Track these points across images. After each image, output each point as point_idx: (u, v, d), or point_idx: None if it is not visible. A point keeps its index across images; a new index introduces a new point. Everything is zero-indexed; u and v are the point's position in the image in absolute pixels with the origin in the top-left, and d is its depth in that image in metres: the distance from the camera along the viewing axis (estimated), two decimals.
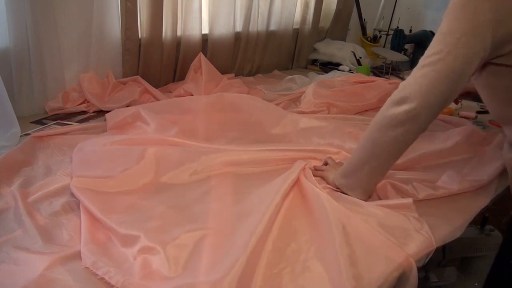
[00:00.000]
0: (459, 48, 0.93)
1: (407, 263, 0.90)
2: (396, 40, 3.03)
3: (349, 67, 2.67)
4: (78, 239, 0.92)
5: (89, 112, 1.74)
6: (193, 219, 1.00)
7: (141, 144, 1.29)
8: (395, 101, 1.01)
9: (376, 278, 0.85)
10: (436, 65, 0.95)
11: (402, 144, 1.04)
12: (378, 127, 1.04)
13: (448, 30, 0.95)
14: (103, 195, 1.07)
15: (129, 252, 0.89)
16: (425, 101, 0.97)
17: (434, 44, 0.98)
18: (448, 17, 0.96)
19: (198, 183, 1.19)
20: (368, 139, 1.07)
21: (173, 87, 2.09)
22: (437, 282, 1.84)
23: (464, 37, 0.93)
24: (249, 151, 1.34)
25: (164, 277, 0.82)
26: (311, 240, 0.97)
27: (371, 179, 1.11)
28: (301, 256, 0.91)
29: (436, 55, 0.96)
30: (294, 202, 1.10)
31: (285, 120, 1.59)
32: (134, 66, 2.01)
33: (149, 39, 2.00)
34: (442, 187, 1.21)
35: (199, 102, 1.63)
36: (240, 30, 2.45)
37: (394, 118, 1.00)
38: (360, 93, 1.97)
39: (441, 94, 0.97)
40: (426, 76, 0.96)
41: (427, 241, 0.97)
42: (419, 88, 0.97)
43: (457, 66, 0.94)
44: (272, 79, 2.49)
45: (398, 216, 1.03)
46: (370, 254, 0.90)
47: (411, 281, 0.90)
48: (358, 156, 1.10)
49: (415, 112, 0.98)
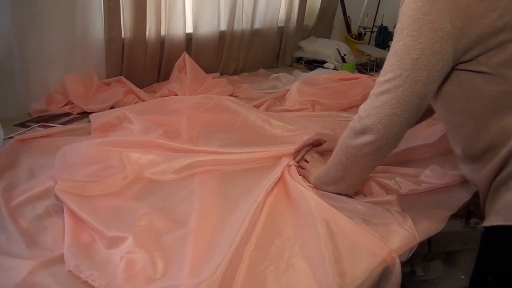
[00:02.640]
0: (419, 70, 0.87)
1: (391, 257, 0.91)
2: (381, 37, 3.06)
3: (334, 65, 2.68)
4: (61, 243, 0.91)
5: (73, 114, 1.72)
6: (177, 221, 1.00)
7: (125, 146, 1.28)
8: (357, 131, 0.97)
9: (360, 274, 0.86)
10: (395, 91, 0.90)
11: (371, 167, 1.06)
12: (346, 155, 1.02)
13: (404, 50, 0.88)
14: (87, 198, 1.06)
15: (113, 254, 0.89)
16: (388, 131, 0.94)
17: (391, 68, 0.91)
18: (402, 35, 0.88)
19: (182, 183, 1.18)
20: (338, 162, 1.06)
21: (157, 87, 2.08)
22: (423, 276, 1.86)
23: (423, 57, 0.86)
24: (233, 154, 1.34)
25: (147, 280, 0.82)
26: (295, 237, 0.97)
27: (348, 190, 1.13)
28: (285, 254, 0.92)
29: (394, 80, 0.89)
30: (278, 200, 1.11)
31: (270, 123, 1.60)
32: (118, 67, 2.00)
33: (132, 39, 1.98)
34: (425, 181, 1.22)
35: (185, 103, 1.63)
36: (224, 29, 2.45)
37: (360, 150, 0.98)
38: (345, 90, 1.98)
39: (404, 121, 0.93)
40: (387, 105, 0.91)
41: (410, 236, 0.98)
42: (380, 119, 0.93)
43: (418, 89, 0.89)
44: (258, 78, 2.49)
45: (381, 212, 1.04)
46: (354, 250, 0.91)
47: (395, 276, 0.90)
48: (332, 173, 1.09)
49: (380, 142, 0.95)
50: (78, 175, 1.13)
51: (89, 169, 1.16)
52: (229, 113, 1.63)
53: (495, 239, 0.95)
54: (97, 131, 1.49)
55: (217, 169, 1.27)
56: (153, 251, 0.89)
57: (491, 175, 0.94)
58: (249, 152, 1.35)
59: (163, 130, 1.42)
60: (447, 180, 1.23)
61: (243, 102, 1.71)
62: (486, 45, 0.85)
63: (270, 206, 1.06)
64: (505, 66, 0.85)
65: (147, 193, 1.13)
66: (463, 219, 1.77)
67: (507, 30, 0.83)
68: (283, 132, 1.56)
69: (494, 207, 0.93)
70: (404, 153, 1.39)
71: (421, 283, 1.84)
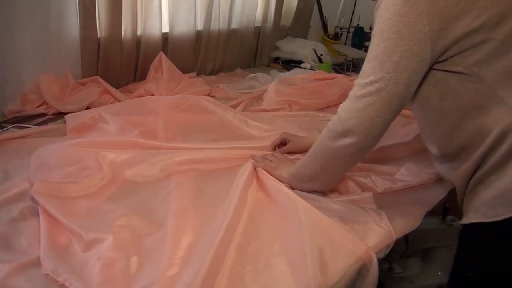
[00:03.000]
0: (400, 72, 0.89)
1: (367, 255, 0.92)
2: (357, 37, 3.08)
3: (310, 65, 2.69)
4: (37, 246, 0.90)
5: (48, 115, 1.70)
6: (155, 222, 1.00)
7: (101, 146, 1.27)
8: (338, 133, 0.99)
9: (337, 271, 0.86)
10: (378, 94, 0.91)
11: (349, 166, 1.09)
12: (325, 156, 1.04)
13: (385, 53, 0.89)
14: (64, 200, 1.05)
15: (90, 256, 0.88)
16: (371, 132, 0.96)
17: (372, 71, 0.92)
18: (382, 37, 0.89)
19: (159, 184, 1.18)
20: (316, 161, 1.08)
21: (133, 87, 2.06)
22: (401, 273, 1.88)
23: (404, 60, 0.88)
24: (208, 149, 1.35)
25: (125, 281, 0.82)
26: (274, 237, 0.98)
27: (323, 188, 1.15)
28: (264, 254, 0.92)
29: (376, 83, 0.91)
30: (257, 199, 1.11)
31: (247, 123, 1.60)
32: (93, 66, 1.97)
33: (108, 39, 1.96)
34: (400, 179, 1.24)
35: (161, 103, 1.62)
36: (201, 29, 2.44)
37: (341, 151, 1.00)
38: (321, 90, 2.00)
39: (386, 122, 0.95)
40: (369, 108, 0.93)
41: (386, 234, 0.99)
42: (362, 122, 0.94)
43: (399, 91, 0.91)
44: (235, 78, 2.49)
45: (357, 210, 1.05)
46: (332, 248, 0.91)
47: (372, 273, 0.91)
48: (309, 171, 1.11)
49: (362, 144, 0.97)
50: (55, 176, 1.12)
51: (66, 170, 1.15)
52: (206, 113, 1.63)
53: (474, 236, 0.97)
54: (73, 132, 1.47)
55: (194, 168, 1.27)
56: (131, 253, 0.88)
57: (467, 174, 0.96)
58: (224, 148, 1.36)
59: (139, 130, 1.41)
60: (423, 178, 1.25)
61: (220, 102, 1.71)
62: (461, 46, 0.87)
63: (249, 206, 1.07)
64: (479, 65, 0.87)
65: (124, 194, 1.13)
66: (440, 217, 1.81)
67: (482, 31, 0.85)
68: (260, 133, 1.56)
69: (472, 205, 0.95)
70: (380, 152, 1.41)
71: (399, 280, 1.87)
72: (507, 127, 0.87)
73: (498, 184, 0.89)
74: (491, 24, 0.85)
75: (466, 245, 1.01)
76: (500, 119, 0.87)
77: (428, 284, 1.92)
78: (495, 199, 0.90)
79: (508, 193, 0.88)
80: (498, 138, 0.88)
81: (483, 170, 0.92)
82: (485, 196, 0.92)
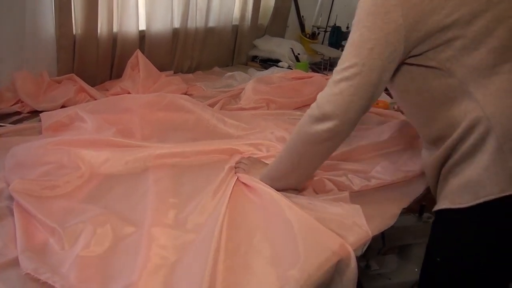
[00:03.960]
0: (373, 59, 0.92)
1: (345, 252, 0.93)
2: (334, 37, 3.10)
3: (288, 64, 2.71)
4: (13, 247, 0.89)
5: (23, 113, 1.67)
6: (133, 221, 1.00)
7: (78, 145, 1.26)
8: (316, 118, 1.01)
9: (316, 268, 0.87)
10: (353, 80, 0.94)
11: (326, 155, 1.10)
12: (302, 143, 1.05)
13: (360, 40, 0.93)
14: (43, 199, 1.04)
15: (68, 255, 0.87)
16: (346, 117, 0.98)
17: (348, 56, 0.96)
18: (358, 26, 0.94)
19: (136, 182, 1.18)
20: (292, 152, 1.09)
21: (110, 85, 2.04)
22: (378, 270, 1.91)
23: (377, 47, 0.92)
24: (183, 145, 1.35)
25: (101, 281, 0.81)
26: (253, 231, 0.99)
27: (299, 182, 1.16)
28: (241, 250, 0.93)
29: (351, 68, 0.94)
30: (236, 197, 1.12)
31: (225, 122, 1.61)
32: (69, 64, 1.94)
33: (84, 36, 1.94)
34: (376, 177, 1.26)
35: (138, 101, 1.61)
36: (178, 26, 2.42)
37: (318, 136, 1.01)
38: (299, 89, 2.01)
39: (361, 108, 0.98)
40: (344, 93, 0.96)
41: (363, 232, 1.01)
42: (339, 106, 0.97)
43: (373, 78, 0.94)
44: (212, 76, 2.48)
45: (334, 209, 1.06)
46: (310, 245, 0.92)
47: (351, 270, 0.93)
48: (284, 165, 1.12)
49: (338, 129, 0.99)
50: (31, 176, 1.10)
51: (42, 169, 1.14)
52: (183, 112, 1.62)
53: (442, 222, 1.03)
54: (48, 130, 1.45)
55: (171, 163, 1.27)
56: (109, 252, 0.88)
57: (437, 162, 1.01)
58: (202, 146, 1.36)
59: (116, 129, 1.40)
60: (398, 176, 1.28)
61: (197, 101, 1.71)
62: (434, 41, 0.92)
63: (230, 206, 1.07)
64: (451, 61, 0.92)
65: (102, 192, 1.13)
66: (416, 214, 1.84)
67: (454, 28, 0.90)
68: (237, 131, 1.56)
69: (442, 192, 1.01)
70: (356, 151, 1.43)
71: (376, 277, 1.89)
72: (475, 120, 0.92)
73: (465, 173, 0.94)
74: (463, 22, 0.90)
75: (436, 231, 1.07)
76: (469, 112, 0.93)
77: (405, 281, 1.95)
78: (462, 187, 0.95)
79: (473, 182, 0.93)
80: (466, 130, 0.93)
81: (453, 159, 0.97)
82: (453, 184, 0.97)
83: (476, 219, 0.95)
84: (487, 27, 0.90)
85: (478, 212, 0.93)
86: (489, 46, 0.91)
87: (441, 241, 1.05)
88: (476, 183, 0.92)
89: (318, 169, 1.17)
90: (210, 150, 1.35)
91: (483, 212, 0.93)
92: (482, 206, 0.91)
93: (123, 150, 1.28)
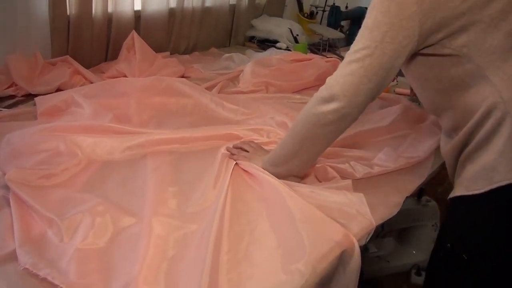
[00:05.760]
0: (386, 42, 0.92)
1: (349, 243, 0.92)
2: (333, 16, 3.05)
3: (286, 44, 2.67)
4: (10, 239, 0.87)
5: (18, 96, 1.63)
6: (132, 212, 0.98)
7: (74, 131, 1.24)
8: (323, 99, 0.99)
9: (320, 259, 0.86)
10: (364, 61, 0.94)
11: (331, 139, 1.08)
12: (307, 124, 1.04)
13: (374, 24, 0.93)
14: (39, 189, 1.01)
15: (67, 247, 0.85)
16: (354, 100, 0.97)
17: (361, 39, 0.95)
18: (373, 11, 0.94)
19: (135, 170, 1.16)
20: (296, 134, 1.07)
21: (105, 67, 2.00)
22: (376, 252, 1.92)
23: (391, 31, 0.91)
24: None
25: (102, 277, 0.80)
26: (255, 221, 0.98)
27: (301, 168, 1.14)
28: (244, 241, 0.92)
29: (363, 50, 0.94)
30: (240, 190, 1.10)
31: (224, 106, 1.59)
32: (64, 46, 1.90)
33: (78, 16, 1.89)
34: (378, 164, 1.25)
35: (134, 85, 1.58)
36: (174, 6, 2.37)
37: (323, 118, 1.00)
38: (298, 72, 1.98)
39: (369, 92, 0.97)
40: (354, 74, 0.95)
41: (367, 221, 1.00)
42: (347, 87, 0.96)
43: (385, 61, 0.93)
44: (209, 57, 2.44)
45: (337, 198, 1.05)
46: (313, 235, 0.91)
47: (354, 261, 0.92)
48: (287, 149, 1.09)
49: (344, 111, 0.98)
50: (27, 164, 1.08)
51: (38, 157, 1.12)
52: (180, 96, 1.60)
53: (456, 209, 1.04)
54: (44, 115, 1.42)
55: (169, 150, 1.26)
56: (108, 246, 0.87)
57: (455, 150, 1.02)
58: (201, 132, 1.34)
59: (113, 115, 1.37)
60: (401, 163, 1.26)
61: (195, 84, 1.67)
62: (449, 28, 0.91)
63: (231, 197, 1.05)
64: (468, 46, 0.92)
65: (99, 180, 1.11)
66: (415, 197, 1.84)
67: (469, 13, 0.89)
68: (237, 116, 1.54)
69: (459, 180, 1.02)
70: (357, 136, 1.41)
71: (375, 259, 1.90)
72: (492, 105, 0.92)
73: (481, 159, 0.95)
74: (478, 6, 0.89)
75: (450, 218, 1.08)
76: (486, 97, 0.93)
77: (404, 263, 1.96)
78: (477, 173, 0.96)
79: (487, 168, 0.93)
80: (484, 115, 0.94)
81: (470, 146, 0.98)
82: (469, 171, 0.98)
83: (490, 204, 0.96)
84: (502, 11, 0.90)
85: (492, 198, 0.94)
86: (505, 29, 0.91)
87: (453, 228, 1.05)
88: (491, 168, 0.92)
89: (320, 156, 1.15)
90: (209, 135, 1.33)
91: (497, 198, 0.93)
92: (496, 191, 0.92)
93: (121, 136, 1.26)
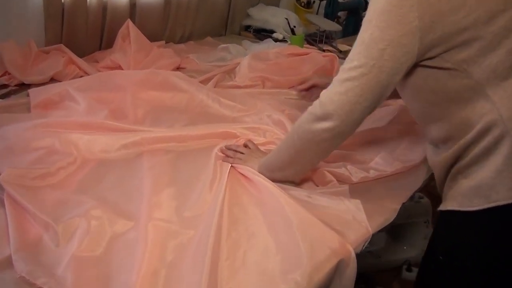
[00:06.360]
0: (385, 60, 0.88)
1: (346, 251, 0.92)
2: (330, 7, 3.02)
3: (283, 35, 2.64)
4: (5, 243, 0.86)
5: (11, 86, 1.61)
6: (129, 215, 0.97)
7: (69, 128, 1.22)
8: (318, 117, 0.97)
9: (317, 268, 0.86)
10: (360, 80, 0.90)
11: (326, 153, 1.08)
12: (301, 140, 1.03)
13: (371, 40, 0.88)
14: (34, 190, 1.00)
15: (64, 252, 0.85)
16: (349, 118, 0.95)
17: (357, 56, 0.91)
18: (370, 25, 0.89)
19: (131, 170, 1.15)
20: (291, 146, 1.06)
21: (99, 55, 1.97)
22: (368, 248, 1.93)
23: (390, 48, 0.87)
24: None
25: (100, 283, 0.80)
26: (252, 227, 0.97)
27: (296, 176, 1.13)
28: (240, 250, 0.91)
29: (360, 68, 0.90)
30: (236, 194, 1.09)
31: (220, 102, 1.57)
32: (58, 34, 1.87)
33: (72, 4, 1.85)
34: (375, 168, 1.24)
35: (130, 79, 1.56)
36: None
37: (318, 135, 0.99)
38: (295, 67, 1.96)
39: (365, 110, 0.95)
40: (350, 93, 0.92)
41: (363, 229, 1.00)
42: (342, 106, 0.93)
43: (382, 79, 0.90)
44: (205, 47, 2.41)
45: (333, 204, 1.05)
46: (310, 243, 0.91)
47: (350, 269, 0.92)
48: (282, 158, 1.09)
49: (339, 129, 0.97)
50: (22, 163, 1.07)
51: (33, 156, 1.11)
52: (176, 91, 1.58)
53: (448, 222, 1.03)
54: (37, 108, 1.40)
55: (165, 148, 1.24)
56: (104, 253, 0.86)
57: (447, 162, 1.00)
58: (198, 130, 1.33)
59: (108, 110, 1.35)
60: (397, 167, 1.25)
61: (191, 79, 1.66)
62: (450, 43, 0.88)
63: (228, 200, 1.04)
64: (468, 62, 0.89)
65: (95, 180, 1.10)
66: None
67: (471, 29, 0.87)
68: (233, 113, 1.52)
69: (450, 192, 1.00)
70: (354, 137, 1.39)
71: (366, 255, 1.91)
72: (490, 122, 0.90)
73: (477, 176, 0.93)
74: (481, 22, 0.86)
75: (441, 229, 1.07)
76: (485, 114, 0.91)
77: (395, 259, 1.98)
78: (472, 190, 0.94)
79: (484, 186, 0.92)
80: (481, 132, 0.91)
81: (464, 160, 0.96)
82: (464, 186, 0.96)
83: (485, 222, 0.95)
84: (505, 28, 0.87)
85: (487, 216, 0.93)
86: (507, 47, 0.88)
87: (445, 240, 1.05)
88: (489, 186, 0.91)
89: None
90: (206, 134, 1.32)
91: (492, 216, 0.93)
92: (492, 210, 0.91)
93: (116, 134, 1.24)
